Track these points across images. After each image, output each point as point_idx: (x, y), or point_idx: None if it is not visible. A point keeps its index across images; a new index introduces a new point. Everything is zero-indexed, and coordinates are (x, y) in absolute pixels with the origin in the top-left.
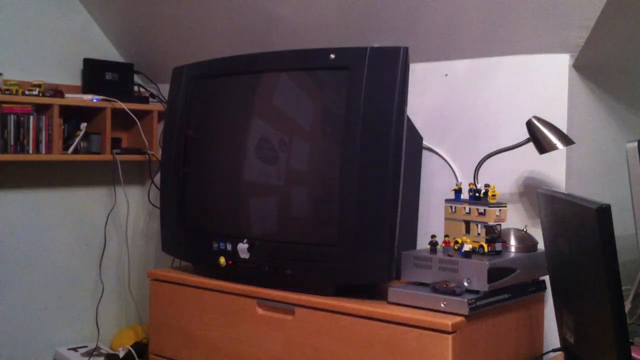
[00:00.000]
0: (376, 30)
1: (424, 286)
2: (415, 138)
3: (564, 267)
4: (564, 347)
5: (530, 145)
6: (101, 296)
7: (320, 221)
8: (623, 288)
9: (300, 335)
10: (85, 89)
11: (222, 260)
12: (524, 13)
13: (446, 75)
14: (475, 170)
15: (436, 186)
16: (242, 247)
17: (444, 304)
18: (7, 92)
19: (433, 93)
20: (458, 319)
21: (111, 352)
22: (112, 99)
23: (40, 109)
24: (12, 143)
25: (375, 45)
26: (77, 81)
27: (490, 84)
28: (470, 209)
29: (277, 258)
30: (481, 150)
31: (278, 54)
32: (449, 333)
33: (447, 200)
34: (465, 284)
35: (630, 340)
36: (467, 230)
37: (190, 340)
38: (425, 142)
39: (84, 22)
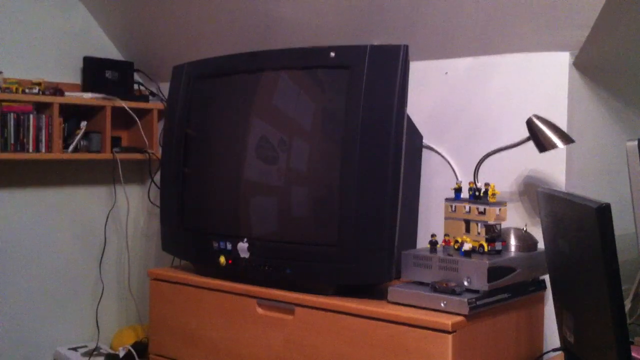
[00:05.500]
0: (376, 29)
1: (424, 285)
2: (415, 137)
3: (564, 266)
4: (564, 346)
5: (530, 144)
6: (101, 296)
7: (320, 221)
8: (623, 287)
9: (300, 335)
10: (85, 88)
11: (222, 259)
12: (524, 11)
13: (446, 73)
14: (475, 169)
15: (436, 185)
16: (242, 246)
17: (443, 304)
18: (7, 91)
19: (433, 91)
20: (458, 318)
21: (111, 352)
22: (112, 98)
23: (40, 108)
24: (12, 142)
25: (375, 44)
26: (77, 79)
27: (490, 82)
28: (470, 208)
29: (277, 258)
30: (481, 149)
31: (278, 52)
32: (449, 332)
33: (447, 199)
34: (465, 283)
35: (630, 340)
36: (467, 230)
37: (190, 340)
38: (425, 141)
39: (84, 21)
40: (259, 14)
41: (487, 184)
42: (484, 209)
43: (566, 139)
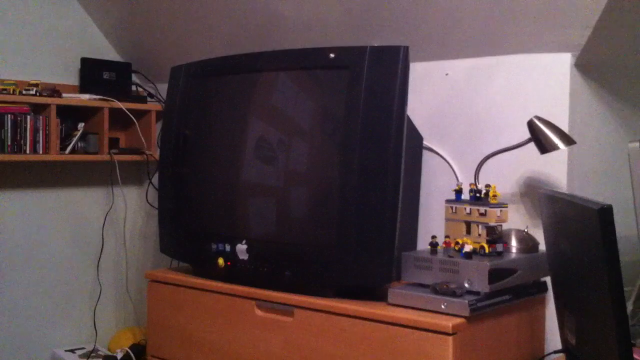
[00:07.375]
0: (376, 29)
1: (424, 287)
2: (416, 138)
3: (565, 268)
4: (566, 348)
5: (532, 145)
6: (99, 297)
7: (319, 222)
8: (625, 289)
9: (300, 337)
10: (83, 89)
11: (220, 261)
12: (525, 12)
13: (447, 74)
14: (476, 171)
15: (437, 186)
16: (241, 248)
17: (444, 306)
18: (4, 92)
19: (433, 92)
20: (459, 320)
21: (109, 354)
22: (110, 99)
23: (38, 109)
24: (9, 143)
25: (375, 44)
26: (74, 81)
27: (491, 83)
28: (471, 209)
29: (276, 259)
30: (482, 150)
31: (277, 53)
32: (449, 335)
33: (447, 201)
34: (466, 285)
35: (632, 342)
36: (468, 231)
37: (188, 342)
38: (425, 142)
39: (82, 21)
40: (258, 14)
41: (488, 186)
42: (485, 211)
43: (568, 140)
